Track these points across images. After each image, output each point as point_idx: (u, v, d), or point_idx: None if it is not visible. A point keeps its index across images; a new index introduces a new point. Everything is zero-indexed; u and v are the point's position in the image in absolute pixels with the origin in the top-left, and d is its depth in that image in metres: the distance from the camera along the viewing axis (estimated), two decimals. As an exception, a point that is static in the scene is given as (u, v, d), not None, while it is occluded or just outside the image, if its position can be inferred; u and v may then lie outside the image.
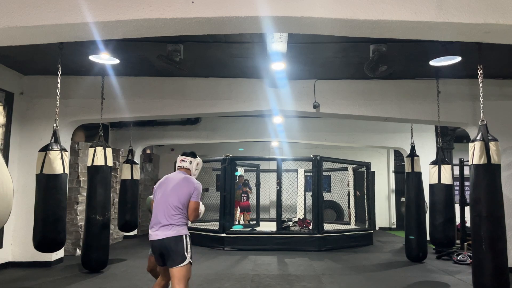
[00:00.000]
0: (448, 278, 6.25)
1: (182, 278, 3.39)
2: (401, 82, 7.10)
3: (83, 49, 5.56)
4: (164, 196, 3.59)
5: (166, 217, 3.49)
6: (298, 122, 10.35)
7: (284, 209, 9.79)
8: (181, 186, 3.59)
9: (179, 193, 3.56)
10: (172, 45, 5.28)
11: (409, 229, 7.55)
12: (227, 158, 9.55)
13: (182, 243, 3.45)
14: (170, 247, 3.43)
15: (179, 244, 3.44)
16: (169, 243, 3.44)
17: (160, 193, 3.64)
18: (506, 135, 6.54)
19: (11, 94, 6.71)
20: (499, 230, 4.44)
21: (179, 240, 3.45)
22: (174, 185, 3.61)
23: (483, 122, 4.60)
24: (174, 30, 3.44)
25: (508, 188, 6.49)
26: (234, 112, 7.78)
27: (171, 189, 3.59)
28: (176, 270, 3.41)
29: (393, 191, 14.25)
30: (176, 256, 3.42)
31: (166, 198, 3.56)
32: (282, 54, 5.38)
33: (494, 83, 6.82)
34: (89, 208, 6.25)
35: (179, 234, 3.47)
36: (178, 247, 3.43)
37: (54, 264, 6.85)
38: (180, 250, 3.43)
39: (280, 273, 6.43)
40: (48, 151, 4.97)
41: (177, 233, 3.46)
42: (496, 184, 4.50)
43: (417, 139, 8.18)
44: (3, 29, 3.25)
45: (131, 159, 8.18)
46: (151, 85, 7.14)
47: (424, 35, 3.50)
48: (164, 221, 3.49)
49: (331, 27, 3.42)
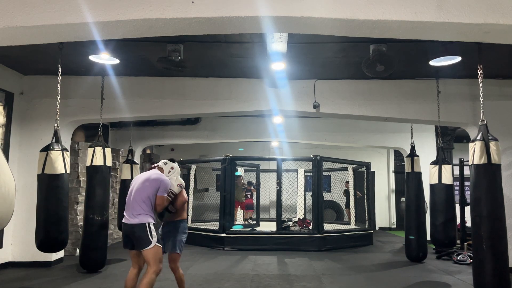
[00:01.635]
0: (448, 278, 6.25)
1: (151, 259, 3.96)
2: (401, 82, 7.10)
3: (83, 49, 5.56)
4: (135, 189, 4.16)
5: (133, 207, 4.07)
6: (298, 122, 10.35)
7: (284, 209, 9.79)
8: (148, 181, 4.14)
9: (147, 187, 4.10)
10: (172, 45, 5.28)
11: (409, 229, 7.55)
12: (227, 158, 9.55)
13: (146, 230, 3.98)
14: (134, 233, 4.01)
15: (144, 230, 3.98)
16: (135, 229, 4.01)
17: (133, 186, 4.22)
18: (506, 135, 6.54)
19: (11, 94, 6.71)
20: (500, 230, 4.43)
21: (143, 227, 3.98)
22: (142, 180, 4.17)
23: (483, 122, 4.60)
24: (174, 30, 3.44)
25: (509, 188, 6.49)
26: (234, 112, 7.77)
27: (140, 184, 4.15)
28: (145, 252, 3.97)
29: (393, 191, 14.26)
30: (142, 240, 3.97)
31: (136, 191, 4.12)
32: (282, 54, 5.38)
33: (494, 83, 6.82)
34: (87, 208, 6.24)
35: (143, 222, 4.00)
36: (142, 233, 3.97)
37: (54, 264, 6.85)
38: (144, 235, 3.96)
39: (280, 273, 6.43)
40: (49, 151, 4.97)
41: (141, 221, 4.00)
42: (497, 184, 4.50)
43: (417, 139, 8.18)
44: (3, 29, 3.25)
45: (131, 159, 8.17)
46: (151, 85, 7.14)
47: (424, 35, 3.51)
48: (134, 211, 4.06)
49: (331, 27, 3.42)
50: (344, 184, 12.08)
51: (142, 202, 4.05)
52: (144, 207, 4.04)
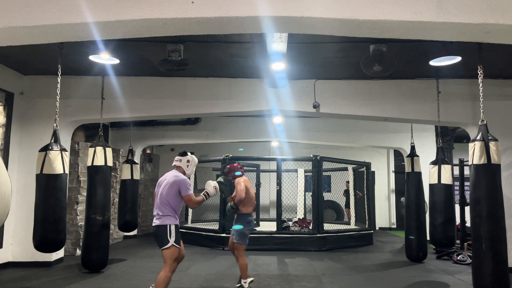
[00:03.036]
0: (448, 278, 6.25)
1: (166, 259, 4.21)
2: (401, 82, 7.10)
3: (83, 49, 5.56)
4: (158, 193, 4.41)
5: (158, 210, 4.32)
6: (298, 122, 10.35)
7: (284, 209, 9.79)
8: (168, 184, 4.34)
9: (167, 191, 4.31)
10: (172, 45, 5.28)
11: (409, 229, 7.55)
12: (227, 158, 9.54)
13: (166, 231, 4.21)
14: (157, 233, 4.27)
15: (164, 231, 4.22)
16: (157, 229, 4.28)
17: (158, 189, 4.46)
18: (506, 135, 6.54)
19: (11, 94, 6.71)
20: (499, 230, 4.43)
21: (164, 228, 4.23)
22: (164, 184, 4.38)
23: (483, 122, 4.59)
24: (174, 30, 3.44)
25: (508, 188, 6.49)
26: (234, 112, 7.77)
27: (162, 187, 4.38)
28: (163, 251, 4.23)
29: (393, 191, 14.25)
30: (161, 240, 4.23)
31: (160, 194, 4.36)
32: (282, 54, 5.38)
33: (494, 83, 6.82)
34: (89, 208, 6.24)
35: (164, 224, 4.24)
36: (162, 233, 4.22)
37: (54, 264, 6.85)
38: (163, 236, 4.20)
39: (280, 273, 6.43)
40: (48, 151, 4.96)
41: (162, 222, 4.25)
42: (496, 184, 4.49)
43: (417, 139, 8.18)
44: (3, 29, 3.25)
45: (131, 159, 8.18)
46: (151, 85, 7.14)
47: (424, 35, 3.50)
48: (157, 213, 4.33)
49: (331, 27, 3.42)
50: (344, 184, 12.08)
51: (163, 205, 4.29)
52: (165, 210, 4.27)
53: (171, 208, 4.29)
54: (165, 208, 4.28)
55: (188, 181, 4.40)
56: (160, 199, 4.33)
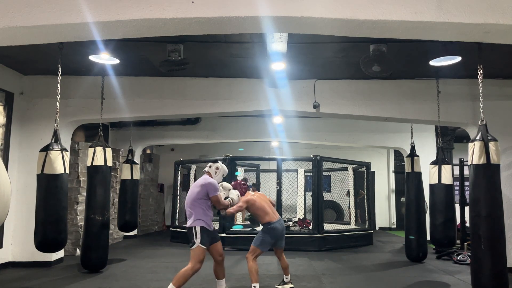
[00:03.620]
0: (448, 278, 6.25)
1: (192, 257, 4.51)
2: (401, 82, 7.10)
3: (83, 49, 5.56)
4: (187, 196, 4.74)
5: (188, 212, 4.66)
6: (298, 122, 10.35)
7: (284, 209, 9.79)
8: (197, 187, 4.64)
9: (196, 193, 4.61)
10: (172, 45, 5.28)
11: (409, 229, 7.55)
12: (227, 158, 9.55)
13: (193, 232, 4.51)
14: (187, 234, 4.63)
15: (191, 232, 4.53)
16: (187, 230, 4.63)
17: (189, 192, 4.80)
18: (506, 135, 6.53)
19: (11, 94, 6.71)
20: (499, 230, 4.43)
21: (191, 229, 4.54)
22: (194, 186, 4.71)
23: (483, 122, 4.59)
24: (174, 30, 3.44)
25: (508, 188, 6.49)
26: (234, 112, 7.77)
27: (191, 190, 4.72)
28: (191, 251, 4.55)
29: (393, 191, 14.25)
30: (189, 240, 4.57)
31: (188, 198, 4.69)
32: (282, 54, 5.38)
33: (494, 83, 6.82)
34: (88, 208, 6.24)
35: (191, 226, 4.55)
36: (190, 234, 4.53)
37: (54, 264, 6.85)
38: (191, 236, 4.52)
39: (280, 273, 6.42)
40: (48, 151, 4.97)
41: (190, 224, 4.56)
42: (496, 184, 4.49)
43: (417, 139, 8.18)
44: (3, 29, 3.25)
45: (131, 159, 8.18)
46: (151, 85, 7.14)
47: (424, 35, 3.50)
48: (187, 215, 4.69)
49: (331, 27, 3.42)
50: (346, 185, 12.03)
51: (190, 208, 4.60)
52: (192, 212, 4.57)
53: (199, 209, 4.55)
54: (194, 210, 4.55)
55: (216, 184, 4.66)
56: (187, 203, 4.64)
